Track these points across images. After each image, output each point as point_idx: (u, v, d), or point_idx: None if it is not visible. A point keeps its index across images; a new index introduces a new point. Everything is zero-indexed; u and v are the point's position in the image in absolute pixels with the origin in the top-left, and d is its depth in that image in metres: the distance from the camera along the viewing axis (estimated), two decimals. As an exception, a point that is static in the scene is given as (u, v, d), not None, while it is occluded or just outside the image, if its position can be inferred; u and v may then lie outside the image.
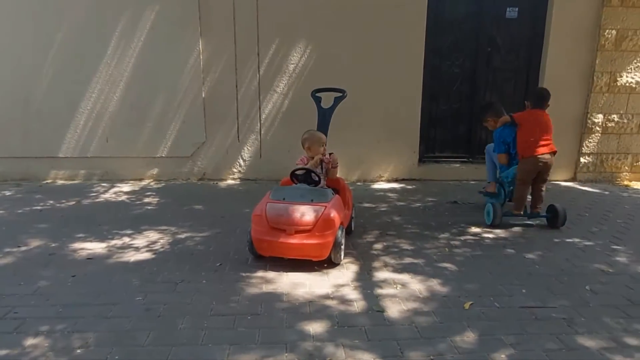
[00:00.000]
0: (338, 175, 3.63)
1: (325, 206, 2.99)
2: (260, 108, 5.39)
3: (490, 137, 5.82)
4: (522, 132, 3.93)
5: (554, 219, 3.90)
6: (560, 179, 5.78)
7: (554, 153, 4.01)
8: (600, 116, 5.59)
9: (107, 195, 4.87)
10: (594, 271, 3.10)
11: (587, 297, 2.74)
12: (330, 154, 3.47)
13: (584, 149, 5.68)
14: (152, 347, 2.18)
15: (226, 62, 5.23)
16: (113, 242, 3.50)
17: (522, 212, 3.96)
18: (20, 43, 5.11)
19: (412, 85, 5.40)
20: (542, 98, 4.03)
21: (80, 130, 5.34)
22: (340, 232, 3.03)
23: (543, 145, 3.90)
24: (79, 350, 2.14)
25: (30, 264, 3.10)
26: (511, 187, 4.10)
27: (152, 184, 5.38)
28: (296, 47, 5.26)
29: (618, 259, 3.33)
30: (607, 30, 5.36)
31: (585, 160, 5.72)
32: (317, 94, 3.88)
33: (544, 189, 4.03)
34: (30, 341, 2.20)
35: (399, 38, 5.26)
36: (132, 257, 3.23)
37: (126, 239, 3.56)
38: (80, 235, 3.63)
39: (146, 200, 4.70)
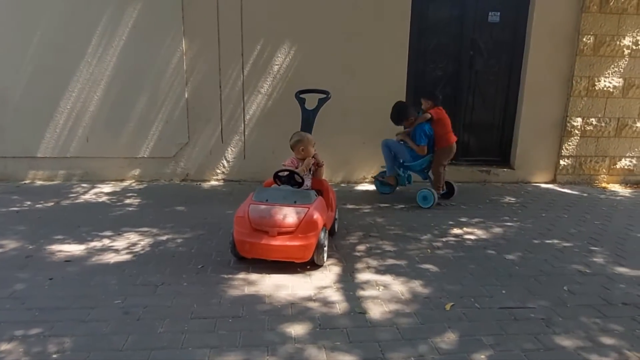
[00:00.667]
0: (324, 173, 3.63)
1: (308, 208, 2.98)
2: (244, 109, 5.35)
3: (472, 138, 5.91)
4: (439, 126, 4.59)
5: (450, 193, 4.90)
6: (540, 181, 5.88)
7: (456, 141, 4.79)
8: (579, 120, 5.71)
9: (87, 196, 4.78)
10: (572, 272, 3.16)
11: (565, 297, 2.79)
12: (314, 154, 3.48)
13: (564, 152, 5.79)
14: (130, 351, 2.14)
15: (210, 62, 5.19)
16: (92, 244, 3.44)
17: (441, 191, 4.74)
18: (-3, 40, 4.99)
19: (396, 87, 5.43)
20: (439, 97, 4.72)
21: (60, 130, 5.24)
22: (323, 234, 3.02)
23: (452, 136, 4.67)
24: (54, 356, 2.10)
25: (6, 266, 3.02)
26: (411, 172, 4.90)
27: (133, 184, 5.30)
28: (280, 48, 5.25)
29: (595, 259, 3.40)
30: (586, 36, 5.48)
31: (565, 163, 5.83)
32: (302, 95, 3.88)
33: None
34: (4, 346, 2.15)
35: (383, 41, 5.28)
36: (112, 259, 3.18)
37: (106, 241, 3.50)
38: (59, 237, 3.55)
39: (127, 201, 4.63)
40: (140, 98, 5.21)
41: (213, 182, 5.49)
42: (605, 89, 5.64)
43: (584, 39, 5.48)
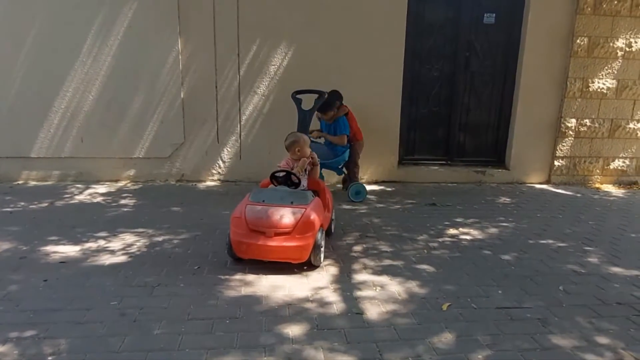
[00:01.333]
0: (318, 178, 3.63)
1: (305, 208, 2.98)
2: (240, 109, 5.34)
3: (468, 139, 5.93)
4: (353, 121, 4.82)
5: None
6: (535, 181, 5.92)
7: None
8: (573, 121, 5.75)
9: (81, 197, 4.75)
10: (567, 272, 3.18)
11: (560, 297, 2.80)
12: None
13: (558, 153, 5.83)
14: (127, 352, 2.13)
15: (206, 63, 5.17)
16: (87, 245, 3.42)
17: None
18: (-10, 39, 4.95)
19: (392, 88, 5.45)
20: (342, 97, 4.80)
21: (54, 130, 5.20)
22: (320, 235, 3.02)
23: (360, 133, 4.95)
24: (50, 358, 2.08)
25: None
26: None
27: (128, 185, 5.28)
28: (277, 49, 5.24)
29: (590, 259, 3.42)
30: (580, 38, 5.52)
31: (559, 164, 5.87)
32: (298, 96, 3.88)
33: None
34: (-2, 349, 2.13)
35: (379, 42, 5.29)
36: (107, 260, 3.16)
37: (101, 242, 3.48)
38: (53, 238, 3.53)
39: (122, 202, 4.60)
40: (135, 98, 5.19)
41: (209, 183, 5.47)
42: (599, 90, 5.69)
43: (578, 41, 5.52)
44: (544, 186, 5.82)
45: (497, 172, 5.86)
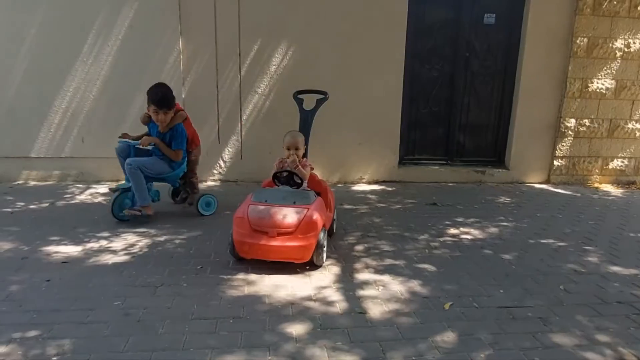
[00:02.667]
0: (320, 178, 3.64)
1: (308, 208, 2.99)
2: (241, 109, 5.35)
3: (468, 139, 5.94)
4: (190, 125, 4.18)
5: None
6: (534, 181, 5.94)
7: None
8: (573, 121, 5.78)
9: (82, 197, 4.75)
10: (568, 271, 3.20)
11: (561, 296, 2.82)
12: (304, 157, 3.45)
13: (557, 153, 5.85)
14: (131, 352, 2.14)
15: (207, 62, 5.18)
16: (89, 245, 3.42)
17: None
18: (-9, 39, 4.94)
19: (392, 88, 5.46)
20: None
21: (55, 130, 5.20)
22: (322, 234, 3.03)
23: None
24: (54, 358, 2.08)
25: (1, 268, 2.99)
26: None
27: (129, 185, 5.27)
28: (278, 48, 5.25)
29: (590, 259, 3.44)
30: (580, 38, 5.55)
31: (559, 163, 5.90)
32: (299, 96, 3.88)
33: None
34: (2, 349, 2.13)
35: (380, 42, 5.31)
36: (110, 260, 3.16)
37: (103, 242, 3.48)
38: (55, 238, 3.53)
39: (123, 201, 4.60)
40: (136, 98, 5.18)
41: (210, 182, 5.48)
42: (598, 90, 5.72)
43: (578, 41, 5.55)
44: (544, 186, 5.84)
45: (497, 172, 5.88)
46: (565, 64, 5.62)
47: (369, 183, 5.64)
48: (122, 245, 3.43)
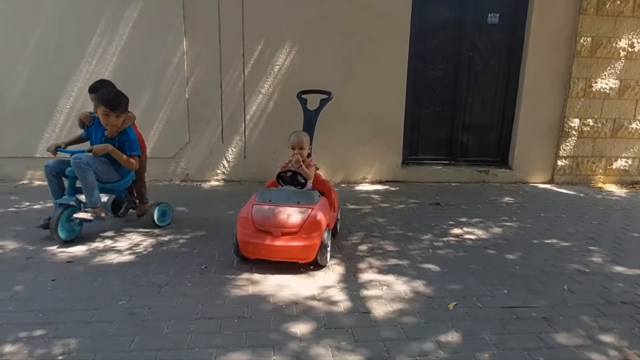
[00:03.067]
0: (324, 177, 3.65)
1: (312, 208, 3.00)
2: (244, 109, 5.36)
3: (471, 139, 5.94)
4: (136, 127, 3.74)
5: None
6: (538, 181, 5.93)
7: None
8: (577, 120, 5.77)
9: (87, 197, 4.76)
10: (572, 271, 3.20)
11: (565, 296, 2.82)
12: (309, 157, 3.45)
13: (561, 152, 5.84)
14: (137, 352, 2.15)
15: (211, 63, 5.20)
16: (94, 244, 3.44)
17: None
18: (-4, 39, 4.97)
19: (396, 88, 5.47)
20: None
21: (59, 130, 5.22)
22: (326, 234, 3.04)
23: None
24: (60, 357, 2.09)
25: (6, 268, 3.01)
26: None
27: (133, 185, 5.29)
28: (281, 49, 5.26)
29: (594, 259, 3.44)
30: (583, 38, 5.54)
31: (562, 163, 5.89)
32: (303, 96, 3.89)
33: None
34: (8, 348, 2.14)
35: (383, 42, 5.31)
36: (115, 260, 3.18)
37: (108, 242, 3.50)
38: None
39: (128, 201, 4.62)
40: (140, 98, 5.20)
41: (213, 183, 5.49)
42: (602, 90, 5.70)
43: (582, 41, 5.54)
44: (547, 186, 5.83)
45: (500, 172, 5.88)
46: (569, 63, 5.61)
47: (372, 183, 5.64)
48: (126, 245, 3.44)
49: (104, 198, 3.62)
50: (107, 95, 3.39)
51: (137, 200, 3.91)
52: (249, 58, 5.24)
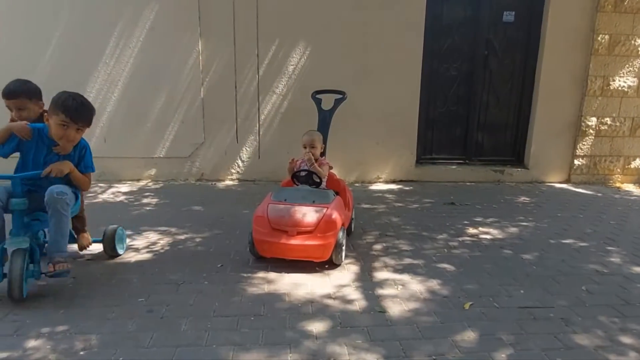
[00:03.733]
0: (339, 177, 3.66)
1: (327, 207, 3.01)
2: (259, 109, 5.40)
3: (486, 138, 5.88)
4: None
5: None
6: (554, 180, 5.86)
7: None
8: (594, 119, 5.68)
9: (105, 196, 4.85)
10: (590, 272, 3.16)
11: (583, 297, 2.79)
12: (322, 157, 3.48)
13: (578, 152, 5.76)
14: (156, 348, 2.19)
15: (225, 63, 5.24)
16: (113, 242, 3.49)
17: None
18: (16, 41, 5.08)
19: (410, 87, 5.45)
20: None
21: (78, 130, 5.31)
22: (341, 233, 3.05)
23: None
24: (82, 352, 2.14)
25: (29, 264, 3.08)
26: None
27: (150, 184, 5.37)
28: (296, 49, 5.29)
29: (612, 259, 3.39)
30: (601, 35, 5.45)
31: (579, 163, 5.80)
32: (318, 96, 3.90)
33: None
34: (31, 343, 2.20)
35: (397, 41, 5.30)
36: (133, 258, 3.23)
37: (126, 240, 3.55)
38: (80, 235, 3.61)
39: (145, 201, 4.69)
40: (156, 98, 5.28)
41: (228, 182, 5.54)
42: (619, 88, 5.61)
43: (599, 39, 5.45)
44: (564, 185, 5.76)
45: (516, 172, 5.82)
46: (586, 61, 5.53)
47: (387, 182, 5.63)
48: (144, 244, 3.50)
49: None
50: (71, 101, 2.64)
51: (79, 227, 3.18)
52: (264, 58, 5.27)
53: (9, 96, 2.99)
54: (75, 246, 3.21)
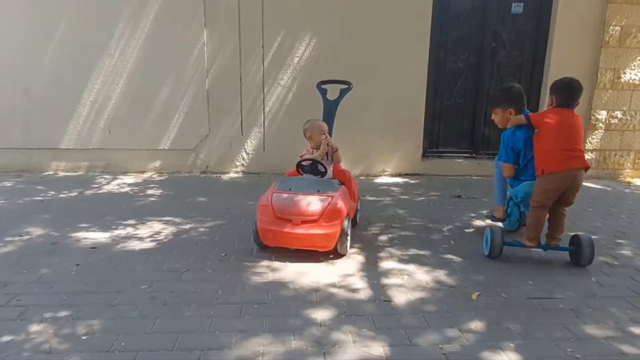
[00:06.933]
0: (344, 167, 3.62)
1: (332, 196, 2.97)
2: (264, 101, 5.36)
3: (493, 131, 5.82)
4: (543, 139, 2.98)
5: (578, 253, 2.98)
6: (563, 175, 5.77)
7: (586, 169, 3.01)
8: (604, 113, 5.59)
9: (110, 187, 4.85)
10: (600, 264, 3.09)
11: (593, 288, 2.73)
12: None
13: (587, 146, 5.67)
14: (159, 334, 2.17)
15: (230, 55, 5.21)
16: (117, 232, 3.49)
17: (535, 245, 3.05)
18: (22, 32, 5.07)
19: (416, 79, 5.39)
20: (572, 92, 3.01)
21: (83, 122, 5.31)
22: (346, 223, 3.01)
23: (573, 157, 2.93)
24: (84, 337, 2.13)
25: (32, 252, 3.08)
26: (523, 209, 3.35)
27: (154, 176, 5.36)
28: (301, 40, 5.24)
29: (622, 252, 3.33)
30: (612, 27, 5.35)
31: (589, 157, 5.71)
32: (323, 86, 3.86)
33: (565, 214, 3.12)
34: (34, 327, 2.19)
35: (404, 32, 5.23)
36: (137, 246, 3.22)
37: (130, 229, 3.54)
38: (84, 225, 3.61)
39: (149, 192, 4.68)
40: (161, 90, 5.26)
41: (232, 174, 5.52)
42: (630, 81, 5.51)
43: (610, 30, 5.36)
44: (572, 180, 5.66)
45: (523, 166, 5.74)
46: (596, 54, 5.44)
47: (392, 176, 5.58)
48: (148, 233, 3.48)
49: None
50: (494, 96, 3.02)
51: None
52: (269, 50, 5.23)
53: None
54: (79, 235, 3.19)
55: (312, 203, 2.94)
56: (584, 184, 5.41)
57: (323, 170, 3.26)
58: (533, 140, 3.08)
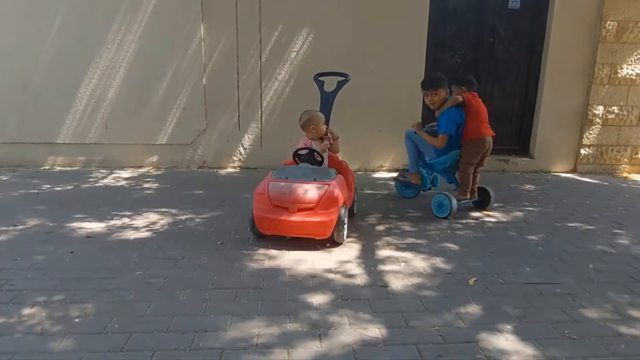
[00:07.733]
0: (341, 158, 3.60)
1: (329, 184, 2.96)
2: (261, 95, 5.35)
3: (491, 127, 5.81)
4: (471, 115, 3.88)
5: (485, 201, 4.03)
6: (560, 170, 5.78)
7: (493, 137, 4.05)
8: (601, 108, 5.59)
9: (106, 181, 4.82)
10: (597, 252, 3.09)
11: (590, 274, 2.73)
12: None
13: (584, 141, 5.67)
14: (153, 317, 2.15)
15: (228, 49, 5.20)
16: (112, 222, 3.47)
17: (468, 197, 3.88)
18: (18, 26, 5.06)
19: (414, 75, 5.36)
20: (474, 83, 4.05)
21: (79, 116, 5.29)
22: (343, 211, 3.00)
23: (487, 128, 3.97)
24: (77, 320, 2.11)
25: (26, 241, 3.06)
26: (434, 175, 4.29)
27: (151, 171, 5.34)
28: (298, 35, 5.24)
29: (620, 241, 3.32)
30: (609, 22, 5.37)
31: (586, 152, 5.72)
32: (320, 78, 3.85)
33: (479, 171, 4.05)
34: (26, 311, 2.17)
35: (401, 27, 5.24)
36: (132, 235, 3.20)
37: (125, 220, 3.52)
38: (79, 215, 3.59)
39: (146, 185, 4.66)
40: (158, 85, 5.25)
41: (230, 169, 5.50)
42: (627, 76, 5.52)
43: (607, 25, 5.37)
44: (570, 175, 5.67)
45: (521, 161, 5.74)
46: (594, 49, 5.45)
47: (390, 171, 5.57)
48: (143, 223, 3.46)
49: None
50: (430, 81, 3.95)
51: None
52: (266, 44, 5.23)
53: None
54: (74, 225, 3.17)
55: (309, 191, 2.93)
56: (581, 178, 5.48)
57: (320, 159, 3.24)
58: (465, 115, 3.88)
